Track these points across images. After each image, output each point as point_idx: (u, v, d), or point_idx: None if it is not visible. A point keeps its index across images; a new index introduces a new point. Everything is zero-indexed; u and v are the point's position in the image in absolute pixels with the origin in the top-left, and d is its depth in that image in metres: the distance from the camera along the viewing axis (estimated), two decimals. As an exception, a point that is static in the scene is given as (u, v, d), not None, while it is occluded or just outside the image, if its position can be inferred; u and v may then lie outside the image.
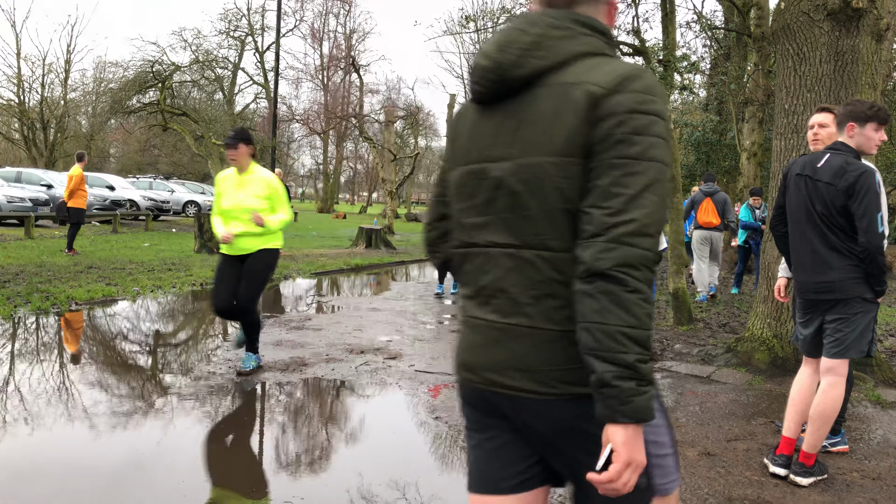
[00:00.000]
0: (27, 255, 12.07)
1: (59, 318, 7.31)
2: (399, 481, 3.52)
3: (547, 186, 1.39)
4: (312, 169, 63.16)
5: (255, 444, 3.95)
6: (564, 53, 1.41)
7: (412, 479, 3.57)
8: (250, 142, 5.27)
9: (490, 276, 1.50)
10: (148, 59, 21.33)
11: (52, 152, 33.66)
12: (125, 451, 3.72)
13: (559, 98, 1.38)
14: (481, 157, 1.51)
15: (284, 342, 6.60)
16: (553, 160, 1.38)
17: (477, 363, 1.52)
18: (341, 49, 44.69)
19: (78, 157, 13.38)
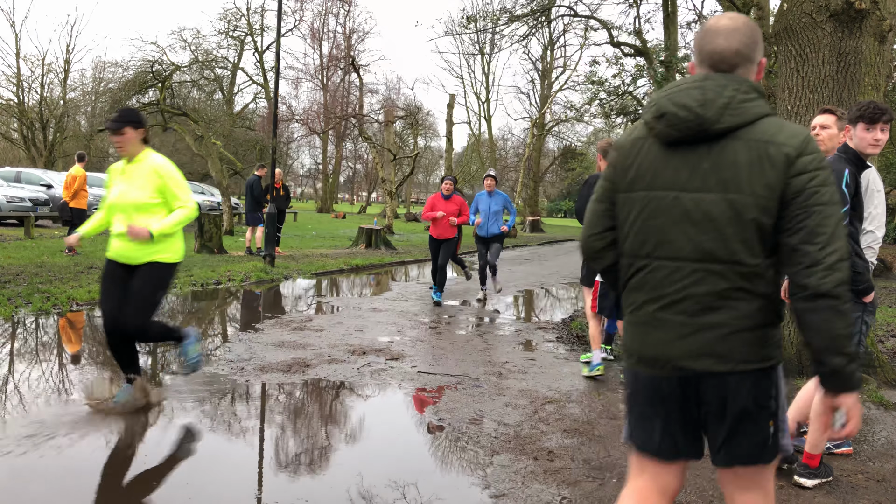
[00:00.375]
0: (27, 256, 12.05)
1: (61, 319, 7.30)
2: (402, 482, 3.51)
3: (745, 217, 1.84)
4: (312, 169, 63.11)
5: (258, 445, 3.94)
6: (752, 115, 1.86)
7: (414, 479, 3.56)
8: (140, 124, 4.41)
9: (677, 284, 1.92)
10: (147, 58, 21.26)
11: (51, 152, 33.58)
12: (124, 452, 3.71)
13: (756, 152, 1.84)
14: (670, 187, 1.93)
15: (286, 343, 6.59)
16: (753, 200, 1.83)
17: (663, 354, 1.95)
18: (341, 49, 44.67)
19: (78, 157, 13.35)
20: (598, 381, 5.79)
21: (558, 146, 46.96)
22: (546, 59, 39.94)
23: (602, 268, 2.20)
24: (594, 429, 4.49)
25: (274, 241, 12.83)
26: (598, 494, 3.44)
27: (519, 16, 13.60)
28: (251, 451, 3.84)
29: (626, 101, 14.49)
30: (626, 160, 2.03)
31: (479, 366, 6.09)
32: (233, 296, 9.67)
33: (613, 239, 2.12)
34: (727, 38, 1.93)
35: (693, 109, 1.87)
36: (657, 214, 1.94)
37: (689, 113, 1.88)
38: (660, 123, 1.94)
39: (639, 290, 2.02)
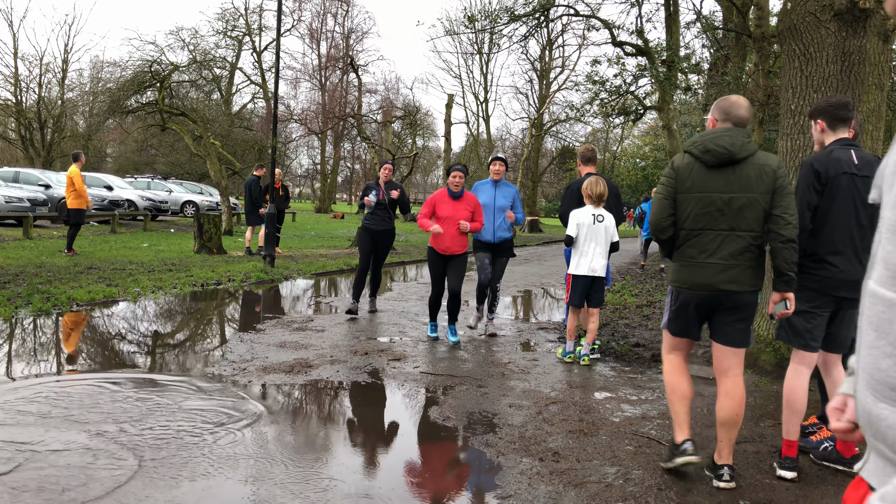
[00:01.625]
0: (26, 256, 12.02)
1: (61, 319, 7.26)
2: (406, 483, 3.49)
3: (757, 206, 3.45)
4: (310, 169, 63.06)
5: (259, 446, 3.92)
6: (753, 150, 3.48)
7: (419, 480, 3.54)
8: None
9: (716, 243, 3.50)
10: (146, 58, 21.20)
11: (49, 152, 33.50)
12: (122, 452, 3.68)
13: (758, 170, 3.44)
14: (714, 190, 3.49)
15: (287, 344, 6.56)
16: (760, 196, 3.44)
17: (711, 281, 3.51)
18: (339, 49, 44.63)
19: (74, 157, 13.26)
20: (599, 381, 5.78)
21: (556, 146, 46.98)
22: (544, 59, 39.93)
23: (665, 237, 3.69)
24: (599, 429, 4.47)
25: (274, 242, 12.80)
26: (605, 495, 3.42)
27: (520, 15, 13.58)
28: (251, 452, 3.81)
29: (627, 101, 14.48)
30: (684, 175, 3.58)
31: (482, 366, 6.07)
32: (233, 296, 9.64)
33: (674, 220, 3.64)
34: (746, 111, 3.54)
35: (728, 148, 3.47)
36: (706, 205, 3.52)
37: (724, 150, 3.48)
38: (706, 155, 3.51)
39: (693, 248, 3.58)
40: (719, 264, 3.47)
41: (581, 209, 6.35)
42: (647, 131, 44.80)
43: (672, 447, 3.74)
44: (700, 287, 3.52)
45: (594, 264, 6.25)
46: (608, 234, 6.29)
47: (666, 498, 3.42)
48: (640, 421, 4.71)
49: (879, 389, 0.97)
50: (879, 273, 1.01)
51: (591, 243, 6.24)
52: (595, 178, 6.42)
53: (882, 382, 0.97)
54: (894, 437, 0.94)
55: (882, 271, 1.00)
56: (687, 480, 3.66)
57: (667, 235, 3.64)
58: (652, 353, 6.67)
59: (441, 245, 6.85)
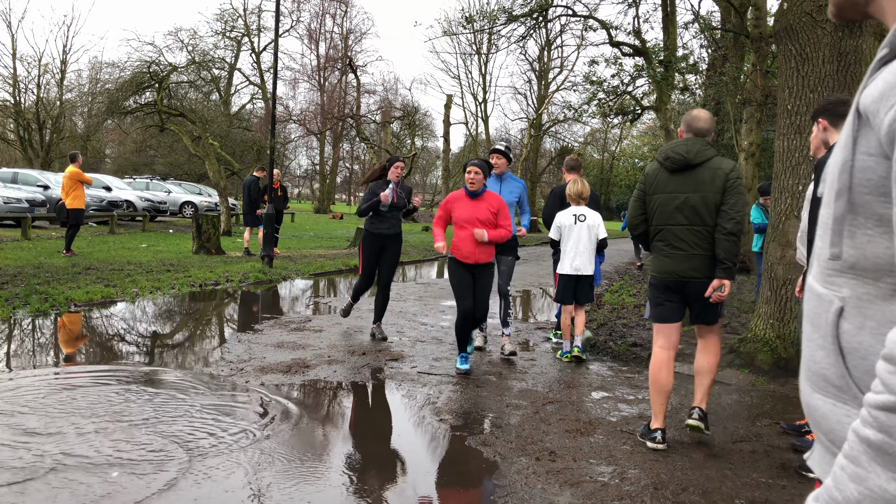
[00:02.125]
0: (24, 257, 12.02)
1: (59, 320, 7.27)
2: (402, 483, 3.50)
3: (710, 203, 4.00)
4: (309, 169, 63.05)
5: (257, 446, 3.92)
6: (708, 156, 4.03)
7: (415, 480, 3.55)
8: None
9: (678, 236, 4.06)
10: (144, 59, 21.18)
11: (48, 153, 33.48)
12: (120, 453, 3.69)
13: (712, 174, 3.99)
14: (673, 191, 4.06)
15: (285, 344, 6.57)
16: (712, 195, 3.98)
17: (675, 269, 4.08)
18: (338, 49, 44.62)
19: (71, 157, 13.22)
20: (596, 381, 5.78)
21: (555, 146, 46.97)
22: (543, 59, 39.96)
23: (638, 233, 4.34)
24: (595, 429, 4.48)
25: (272, 242, 12.80)
26: (600, 495, 3.42)
27: (517, 16, 13.60)
28: (249, 452, 3.82)
29: (625, 101, 14.49)
30: (651, 179, 4.21)
31: (479, 366, 6.08)
32: (231, 297, 9.64)
33: (645, 218, 4.27)
34: (705, 122, 4.12)
35: (683, 155, 4.07)
36: (667, 204, 4.12)
37: (680, 156, 4.08)
38: (667, 161, 4.13)
39: (661, 241, 4.18)
40: (682, 254, 4.07)
41: (563, 211, 6.49)
42: (646, 131, 44.85)
43: (647, 429, 4.26)
44: (668, 273, 4.13)
45: (577, 263, 6.35)
46: (591, 232, 6.37)
47: (661, 497, 3.43)
48: (636, 420, 4.72)
49: (815, 381, 1.02)
50: (814, 268, 1.06)
51: (574, 243, 6.35)
52: (575, 178, 6.59)
53: (817, 374, 1.01)
54: (828, 427, 0.98)
55: (815, 267, 1.05)
56: (684, 479, 3.67)
57: (639, 231, 4.32)
58: (649, 353, 6.67)
59: (462, 251, 5.63)
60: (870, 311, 0.94)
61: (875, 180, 0.91)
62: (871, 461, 0.82)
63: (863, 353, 0.94)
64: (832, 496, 0.85)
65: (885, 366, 0.83)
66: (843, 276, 0.98)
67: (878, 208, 0.92)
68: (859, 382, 0.94)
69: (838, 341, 0.97)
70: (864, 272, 0.95)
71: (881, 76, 0.93)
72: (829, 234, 1.00)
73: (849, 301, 0.97)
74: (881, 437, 0.81)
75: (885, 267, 0.92)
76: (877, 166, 0.91)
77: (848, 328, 0.96)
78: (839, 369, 0.96)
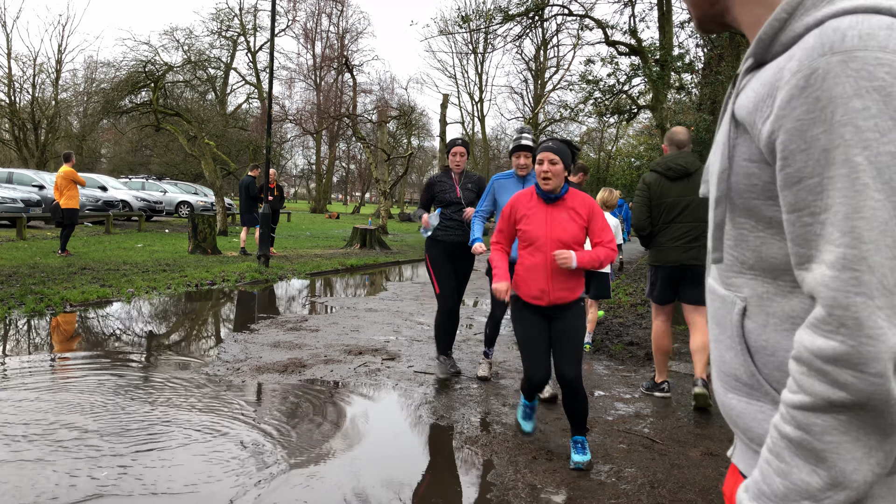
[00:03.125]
0: (20, 257, 11.98)
1: (54, 320, 7.25)
2: (399, 482, 3.49)
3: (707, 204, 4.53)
4: (305, 169, 62.99)
5: (255, 446, 3.92)
6: (699, 165, 5.00)
7: (411, 479, 3.54)
8: None
9: (681, 231, 4.95)
10: (140, 59, 21.13)
11: (43, 153, 33.42)
12: (116, 453, 3.68)
13: None
14: (676, 195, 4.96)
15: (282, 343, 6.56)
16: None
17: (679, 258, 4.95)
18: (334, 49, 44.58)
19: (65, 157, 13.15)
20: (593, 380, 5.79)
21: (552, 146, 46.90)
22: (539, 58, 39.98)
23: (646, 234, 5.08)
24: (592, 428, 4.48)
25: (268, 242, 12.79)
26: (597, 493, 3.43)
27: (513, 15, 13.59)
28: (247, 452, 3.81)
29: (621, 101, 14.50)
30: (654, 187, 5.01)
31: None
32: (227, 296, 9.62)
33: (651, 220, 5.04)
34: (682, 136, 5.03)
35: (683, 166, 4.92)
36: (673, 208, 4.96)
37: (681, 167, 4.92)
38: (669, 172, 4.95)
39: (664, 236, 5.00)
40: (683, 246, 4.95)
41: None
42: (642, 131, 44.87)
43: (652, 383, 5.36)
44: (671, 262, 5.00)
45: None
46: None
47: (658, 495, 3.43)
48: (633, 419, 4.72)
49: (726, 381, 1.04)
50: (712, 271, 1.09)
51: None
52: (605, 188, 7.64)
53: (728, 374, 1.04)
54: (745, 425, 1.01)
55: (713, 269, 1.08)
56: (681, 477, 3.67)
57: (646, 232, 5.10)
58: (646, 352, 6.69)
59: (531, 290, 3.75)
60: (771, 308, 0.97)
61: (761, 185, 0.95)
62: (793, 455, 0.85)
63: (770, 349, 0.97)
64: (760, 489, 0.89)
65: (797, 366, 0.86)
66: (741, 276, 1.01)
67: (767, 212, 0.95)
68: (769, 379, 0.98)
69: (745, 340, 1.00)
70: (762, 272, 0.98)
71: (751, 86, 0.96)
72: (711, 240, 1.04)
73: (750, 300, 1.00)
74: (800, 434, 0.85)
75: (782, 266, 0.95)
76: (761, 172, 0.94)
77: (752, 327, 0.99)
78: (748, 368, 0.99)
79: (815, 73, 0.84)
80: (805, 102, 0.84)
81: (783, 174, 0.88)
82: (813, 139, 0.84)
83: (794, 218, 0.87)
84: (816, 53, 0.84)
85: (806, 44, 0.87)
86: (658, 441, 4.26)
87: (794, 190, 0.87)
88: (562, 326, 3.76)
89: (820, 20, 0.87)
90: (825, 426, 0.83)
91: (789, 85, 0.86)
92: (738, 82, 1.02)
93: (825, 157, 0.83)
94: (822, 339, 0.82)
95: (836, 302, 0.81)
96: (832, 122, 0.82)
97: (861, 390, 0.80)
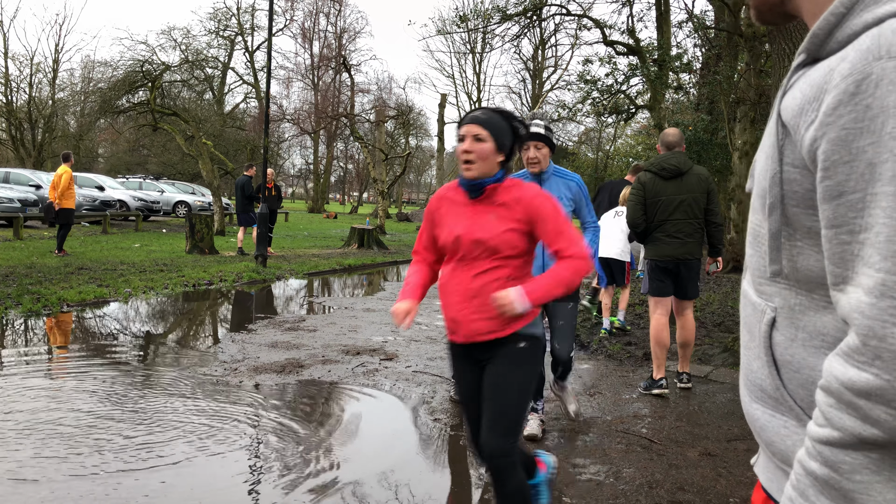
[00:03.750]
0: (16, 257, 11.95)
1: (51, 320, 7.23)
2: (397, 482, 3.49)
3: (699, 202, 5.15)
4: (303, 169, 62.93)
5: (252, 446, 3.91)
6: (690, 165, 5.22)
7: (410, 479, 3.54)
8: None
9: (677, 227, 5.14)
10: (137, 58, 21.09)
11: (40, 152, 33.32)
12: (112, 454, 3.67)
13: (697, 179, 5.17)
14: (672, 194, 5.15)
15: (279, 344, 6.55)
16: (700, 195, 5.15)
17: (674, 253, 5.14)
18: (332, 49, 44.57)
19: (64, 157, 13.13)
20: (591, 380, 5.78)
21: (549, 146, 46.90)
22: (537, 58, 40.00)
23: (640, 230, 5.26)
24: (590, 428, 4.47)
25: (266, 241, 12.78)
26: (595, 494, 3.42)
27: (511, 15, 13.60)
28: (244, 453, 3.80)
29: (619, 100, 14.51)
30: (649, 186, 5.20)
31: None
32: (225, 296, 9.61)
33: (645, 217, 5.23)
34: (673, 137, 5.25)
35: (676, 165, 5.13)
36: (667, 206, 5.15)
37: (675, 167, 5.13)
38: (663, 171, 5.15)
39: (660, 232, 5.18)
40: (678, 241, 5.16)
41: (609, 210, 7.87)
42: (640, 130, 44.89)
43: (651, 381, 5.37)
44: (669, 257, 5.18)
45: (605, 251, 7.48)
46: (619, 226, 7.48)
47: (656, 496, 3.43)
48: (631, 419, 4.72)
49: (753, 390, 1.00)
50: (747, 274, 1.05)
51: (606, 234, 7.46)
52: None
53: (754, 383, 1.00)
54: (767, 438, 0.97)
55: (748, 273, 1.04)
56: (678, 477, 3.67)
57: (641, 229, 5.30)
58: (644, 352, 6.68)
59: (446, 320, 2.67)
60: (801, 322, 0.92)
61: (802, 192, 0.89)
62: (819, 494, 0.80)
63: (796, 365, 0.93)
64: None
65: (825, 398, 0.81)
66: (775, 284, 0.96)
67: (806, 221, 0.90)
68: (794, 395, 0.93)
69: (772, 353, 0.96)
70: (796, 283, 0.93)
71: (798, 86, 0.90)
72: (768, 251, 0.97)
73: (781, 311, 0.95)
74: (826, 472, 0.79)
75: (817, 280, 0.90)
76: (802, 179, 0.89)
77: (780, 339, 0.95)
78: (774, 381, 0.95)
79: (867, 78, 0.76)
80: (854, 110, 0.77)
81: (823, 186, 0.82)
82: (859, 151, 0.77)
83: (831, 234, 0.82)
84: (871, 57, 0.77)
85: (861, 45, 0.79)
86: (656, 441, 4.26)
87: (834, 204, 0.80)
88: (488, 378, 2.52)
89: (880, 18, 0.79)
90: (855, 464, 0.77)
91: (838, 90, 0.79)
92: (789, 79, 0.95)
93: (870, 171, 0.76)
94: (855, 371, 0.76)
95: (871, 332, 0.75)
96: (882, 133, 0.75)
97: (894, 428, 0.74)
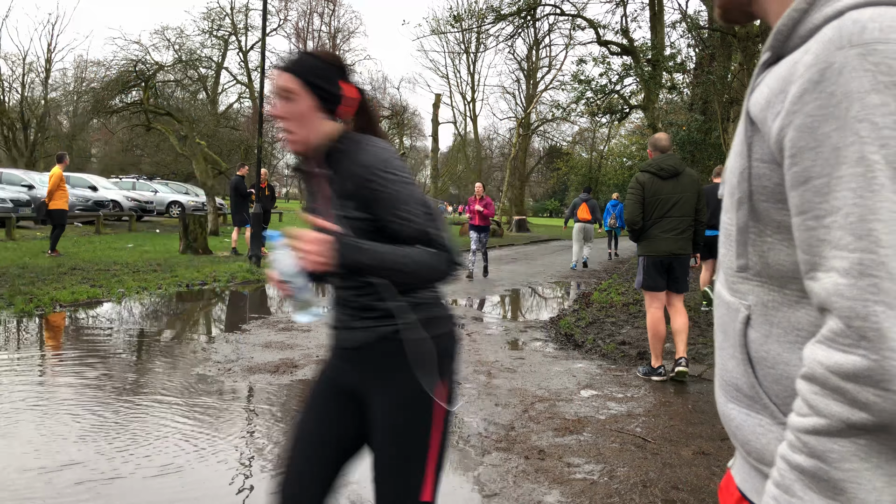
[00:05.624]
0: (9, 257, 11.90)
1: (43, 321, 7.19)
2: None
3: (692, 201, 5.51)
4: (297, 169, 62.68)
5: (246, 446, 3.90)
6: (684, 167, 5.60)
7: (407, 481, 3.53)
8: None
9: (672, 224, 5.47)
10: (130, 58, 21.01)
11: (32, 153, 33.15)
12: (111, 454, 3.65)
13: (690, 179, 5.54)
14: (667, 193, 5.48)
15: (273, 344, 6.53)
16: (692, 195, 5.51)
17: (669, 249, 5.47)
18: (326, 48, 44.48)
19: (58, 158, 13.10)
20: (586, 379, 5.79)
21: (544, 146, 47.06)
22: (531, 58, 40.01)
23: (638, 228, 5.52)
24: (584, 427, 4.48)
25: (260, 241, 12.75)
26: (589, 493, 3.42)
27: (505, 15, 13.61)
28: (240, 453, 3.79)
29: (613, 100, 14.53)
30: (648, 186, 5.46)
31: (468, 365, 6.07)
32: (218, 297, 9.58)
33: (643, 215, 5.49)
34: (664, 141, 5.70)
35: (673, 166, 5.49)
36: (665, 204, 5.46)
37: (672, 168, 5.49)
38: (661, 172, 5.47)
39: (656, 229, 5.47)
40: (672, 238, 5.48)
41: None
42: (634, 130, 44.96)
43: (650, 368, 5.77)
44: (661, 252, 5.50)
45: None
46: None
47: (650, 495, 3.43)
48: (625, 418, 4.73)
49: (728, 390, 1.00)
50: (720, 275, 1.04)
51: None
52: None
53: (729, 383, 0.99)
54: (743, 437, 0.96)
55: (721, 274, 1.03)
56: (673, 477, 3.68)
57: (639, 226, 5.56)
58: (638, 351, 6.69)
59: None
60: (775, 318, 0.92)
61: (771, 187, 0.90)
62: (806, 489, 0.77)
63: (770, 361, 0.92)
64: None
65: (808, 386, 0.79)
66: (748, 283, 0.96)
67: (776, 215, 0.90)
68: (769, 392, 0.93)
69: (747, 351, 0.95)
70: (768, 279, 0.93)
71: (765, 82, 0.91)
72: (735, 245, 0.97)
73: (755, 309, 0.95)
74: (814, 463, 0.76)
75: (790, 274, 0.90)
76: (771, 173, 0.89)
77: (755, 337, 0.94)
78: (749, 379, 0.95)
79: (830, 66, 0.78)
80: (819, 97, 0.79)
81: (791, 173, 0.83)
82: (824, 136, 0.78)
83: (799, 221, 0.82)
84: (834, 46, 0.79)
85: (823, 36, 0.81)
86: (650, 440, 4.26)
87: (801, 190, 0.81)
88: None
89: (840, 11, 0.81)
90: (843, 452, 0.75)
91: (803, 79, 0.81)
92: (755, 78, 0.96)
93: (835, 155, 0.77)
94: (841, 354, 0.75)
95: (854, 312, 0.74)
96: (846, 118, 0.76)
97: (884, 410, 0.72)
